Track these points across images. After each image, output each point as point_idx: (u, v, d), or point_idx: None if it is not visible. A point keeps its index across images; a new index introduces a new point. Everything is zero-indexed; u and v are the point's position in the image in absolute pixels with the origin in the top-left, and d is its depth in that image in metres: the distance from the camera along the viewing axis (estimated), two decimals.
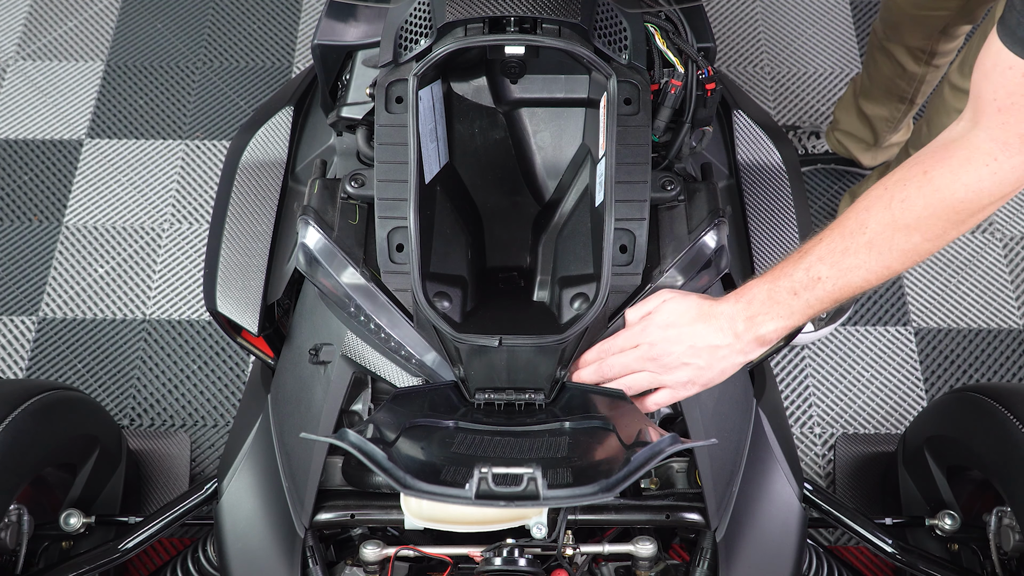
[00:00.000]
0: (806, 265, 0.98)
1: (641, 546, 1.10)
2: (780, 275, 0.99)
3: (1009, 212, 2.16)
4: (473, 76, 1.18)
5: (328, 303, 1.16)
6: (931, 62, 1.78)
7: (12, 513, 1.33)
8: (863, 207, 0.97)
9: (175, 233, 2.14)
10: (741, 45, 2.42)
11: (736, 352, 1.01)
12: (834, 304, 0.99)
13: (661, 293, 1.04)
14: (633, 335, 1.02)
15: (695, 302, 1.01)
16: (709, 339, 0.99)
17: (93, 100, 2.32)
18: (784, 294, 0.98)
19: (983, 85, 0.90)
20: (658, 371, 1.02)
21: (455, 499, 0.86)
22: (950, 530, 1.38)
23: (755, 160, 1.34)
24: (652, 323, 1.01)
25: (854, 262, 0.96)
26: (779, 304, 0.99)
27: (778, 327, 0.99)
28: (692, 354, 1.00)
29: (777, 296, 0.99)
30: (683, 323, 1.00)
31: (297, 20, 2.46)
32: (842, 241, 0.97)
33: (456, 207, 1.15)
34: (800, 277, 0.98)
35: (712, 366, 1.01)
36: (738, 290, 1.02)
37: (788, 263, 1.00)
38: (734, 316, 1.00)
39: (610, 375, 1.03)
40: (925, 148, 0.97)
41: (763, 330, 0.99)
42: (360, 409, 1.16)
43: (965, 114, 0.95)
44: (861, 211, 0.97)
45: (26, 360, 1.98)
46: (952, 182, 0.92)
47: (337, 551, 1.20)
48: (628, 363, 1.02)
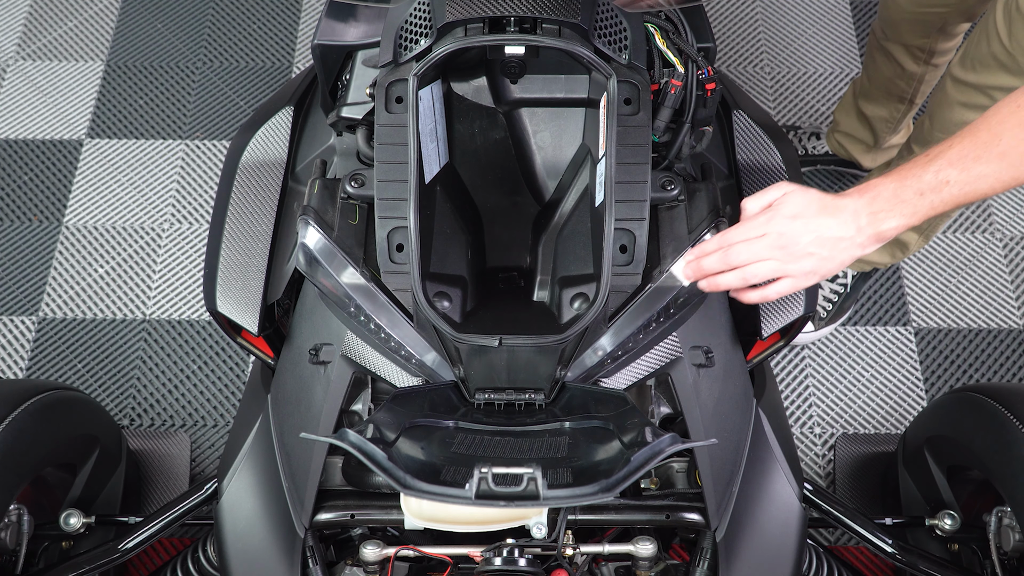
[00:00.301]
0: (936, 168, 0.99)
1: (641, 546, 1.10)
2: (908, 175, 1.01)
3: (1009, 212, 2.16)
4: (473, 76, 1.18)
5: (328, 303, 1.16)
6: (930, 61, 1.78)
7: (12, 513, 1.33)
8: (996, 121, 0.99)
9: (175, 233, 2.14)
10: (741, 45, 2.42)
11: (856, 245, 1.02)
12: (953, 208, 1.01)
13: (780, 185, 1.04)
14: (759, 224, 1.02)
15: (817, 195, 1.02)
16: (834, 231, 1.01)
17: (93, 100, 2.32)
18: (910, 194, 1.00)
19: None
20: (784, 260, 1.02)
21: (455, 499, 0.86)
22: (950, 530, 1.38)
23: (755, 160, 1.34)
24: (779, 213, 1.01)
25: (985, 170, 0.98)
26: (904, 203, 1.00)
27: (899, 224, 1.01)
28: (817, 244, 1.01)
29: (903, 195, 1.00)
30: (809, 214, 1.01)
31: (297, 20, 2.46)
32: (975, 149, 0.98)
33: (456, 207, 1.15)
34: (929, 179, 0.99)
35: (833, 257, 1.02)
36: (861, 186, 1.03)
37: (915, 165, 1.01)
38: (858, 210, 1.01)
39: (736, 262, 1.03)
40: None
41: (884, 226, 1.01)
42: (360, 409, 1.16)
43: None
44: (994, 124, 0.99)
45: (26, 360, 1.98)
46: None
47: (337, 551, 1.20)
48: (757, 251, 1.02)
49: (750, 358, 1.28)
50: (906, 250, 1.81)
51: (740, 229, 1.03)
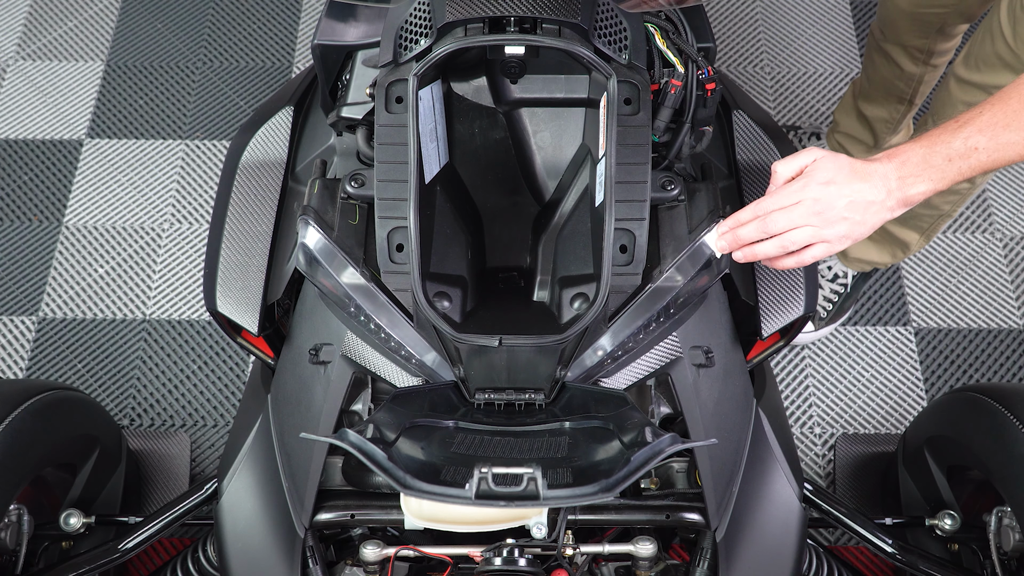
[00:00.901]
0: (965, 135, 1.00)
1: (641, 546, 1.10)
2: (936, 141, 1.02)
3: (1009, 212, 2.16)
4: (473, 76, 1.18)
5: (328, 303, 1.16)
6: (929, 62, 1.78)
7: (12, 513, 1.33)
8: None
9: (175, 233, 2.14)
10: (741, 45, 2.42)
11: (886, 209, 1.03)
12: (980, 173, 1.02)
13: (811, 151, 1.05)
14: (794, 191, 1.03)
15: (847, 160, 1.03)
16: (866, 195, 1.01)
17: (93, 100, 2.32)
18: (939, 159, 1.01)
19: None
20: (821, 225, 1.02)
21: (455, 499, 0.86)
22: (950, 530, 1.38)
23: (755, 160, 1.34)
24: (812, 180, 1.02)
25: (1014, 138, 0.99)
26: (933, 168, 1.01)
27: (926, 190, 1.02)
28: (851, 208, 1.02)
29: (932, 160, 1.01)
30: (841, 179, 1.01)
31: (297, 20, 2.46)
32: (1004, 117, 1.00)
33: (456, 207, 1.15)
34: (958, 146, 1.00)
35: (865, 221, 1.03)
36: (890, 151, 1.04)
37: (944, 131, 1.02)
38: (887, 175, 1.02)
39: (775, 230, 1.03)
40: None
41: (913, 191, 1.02)
42: (360, 409, 1.16)
43: None
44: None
45: (26, 360, 1.98)
46: None
47: (337, 551, 1.20)
48: (794, 218, 1.02)
49: (750, 358, 1.28)
50: (907, 250, 1.81)
51: (775, 197, 1.04)
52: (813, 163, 1.04)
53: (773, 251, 1.04)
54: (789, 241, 1.03)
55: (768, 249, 1.04)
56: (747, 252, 1.06)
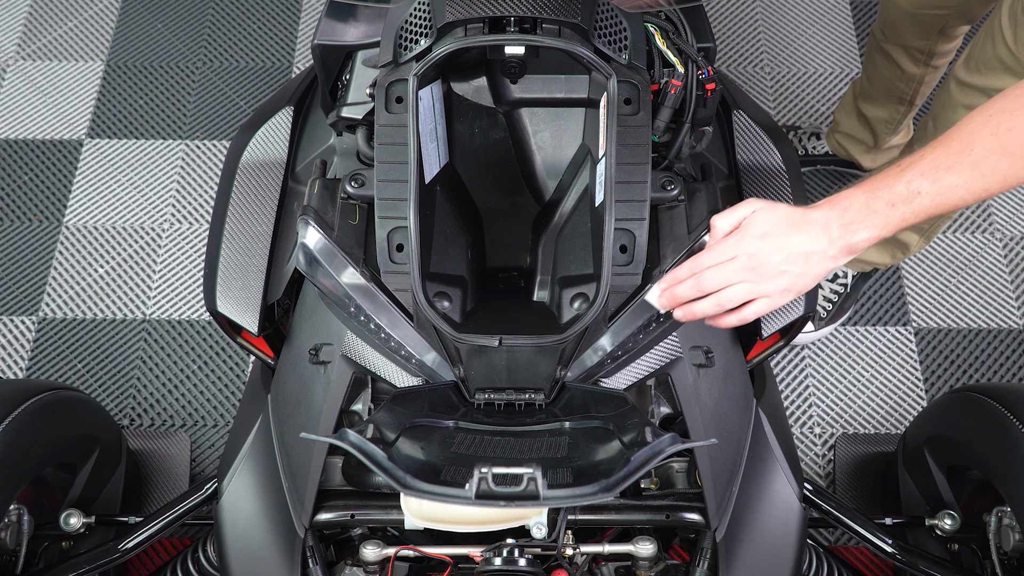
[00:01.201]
0: (907, 179, 0.99)
1: (641, 546, 1.10)
2: (879, 186, 1.00)
3: (1009, 212, 2.16)
4: (473, 76, 1.18)
5: (328, 303, 1.16)
6: (929, 63, 1.78)
7: (12, 513, 1.33)
8: (968, 131, 0.98)
9: (175, 233, 2.14)
10: (741, 45, 2.42)
11: (828, 258, 1.01)
12: (925, 219, 1.00)
13: (749, 202, 1.03)
14: (728, 247, 1.01)
15: (786, 210, 1.02)
16: (805, 246, 1.00)
17: (93, 100, 2.32)
18: (882, 204, 0.99)
19: None
20: (757, 281, 1.01)
21: (455, 499, 0.86)
22: (950, 530, 1.38)
23: (755, 160, 1.34)
24: (748, 233, 1.01)
25: (956, 181, 0.97)
26: (876, 214, 0.99)
27: (870, 236, 1.00)
28: (789, 262, 1.00)
29: (875, 206, 0.99)
30: (778, 232, 1.00)
31: (297, 20, 2.46)
32: (946, 159, 0.98)
33: (456, 207, 1.15)
34: (900, 190, 0.99)
35: (807, 272, 1.01)
36: (832, 197, 1.02)
37: (887, 176, 1.00)
38: (829, 223, 1.00)
39: (710, 288, 1.02)
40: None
41: (856, 238, 1.00)
42: (360, 409, 1.16)
43: None
44: (966, 134, 0.98)
45: (26, 360, 1.98)
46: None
47: (337, 551, 1.20)
48: (728, 275, 1.01)
49: (750, 358, 1.28)
50: (907, 251, 1.81)
51: (710, 253, 1.02)
52: (752, 215, 1.02)
53: (711, 309, 1.02)
54: (725, 299, 1.01)
55: (706, 307, 1.02)
56: (686, 311, 1.04)
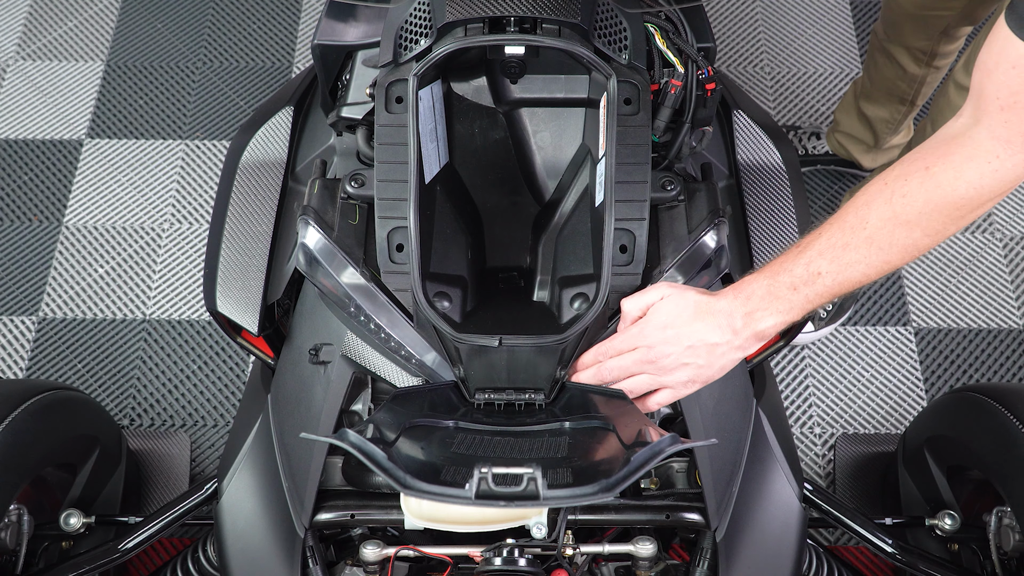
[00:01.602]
0: (806, 260, 0.98)
1: (641, 546, 1.10)
2: (779, 270, 0.99)
3: (1009, 212, 2.16)
4: (473, 76, 1.18)
5: (328, 303, 1.16)
6: (931, 63, 1.78)
7: (12, 513, 1.32)
8: (863, 202, 0.97)
9: (175, 233, 2.14)
10: (741, 45, 2.42)
11: (734, 348, 1.01)
12: (832, 299, 0.99)
13: (659, 287, 1.03)
14: (630, 338, 1.02)
15: (692, 299, 1.00)
16: (707, 337, 0.99)
17: (93, 100, 2.33)
18: (784, 289, 0.98)
19: (986, 83, 0.90)
20: (657, 373, 1.01)
21: (455, 499, 0.86)
22: (950, 530, 1.38)
23: (755, 160, 1.34)
24: (649, 324, 1.00)
25: (854, 257, 0.96)
26: (778, 299, 0.99)
27: (776, 322, 0.99)
28: (691, 354, 1.00)
29: (776, 291, 0.99)
30: (680, 323, 0.99)
31: (297, 20, 2.46)
32: (842, 236, 0.97)
33: (456, 207, 1.15)
34: (800, 272, 0.98)
35: (712, 364, 1.01)
36: (736, 285, 1.02)
37: (787, 258, 0.99)
38: (732, 312, 0.99)
39: (609, 379, 1.03)
40: (925, 143, 0.97)
41: (761, 325, 0.99)
42: (360, 409, 1.16)
43: (965, 109, 0.95)
44: (861, 206, 0.97)
45: (26, 360, 1.98)
46: (954, 179, 0.93)
47: (337, 551, 1.20)
48: (627, 366, 1.02)
49: (750, 358, 1.28)
50: None
51: (613, 342, 1.02)
52: (660, 301, 1.01)
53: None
54: (627, 388, 1.02)
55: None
56: None
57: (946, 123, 0.98)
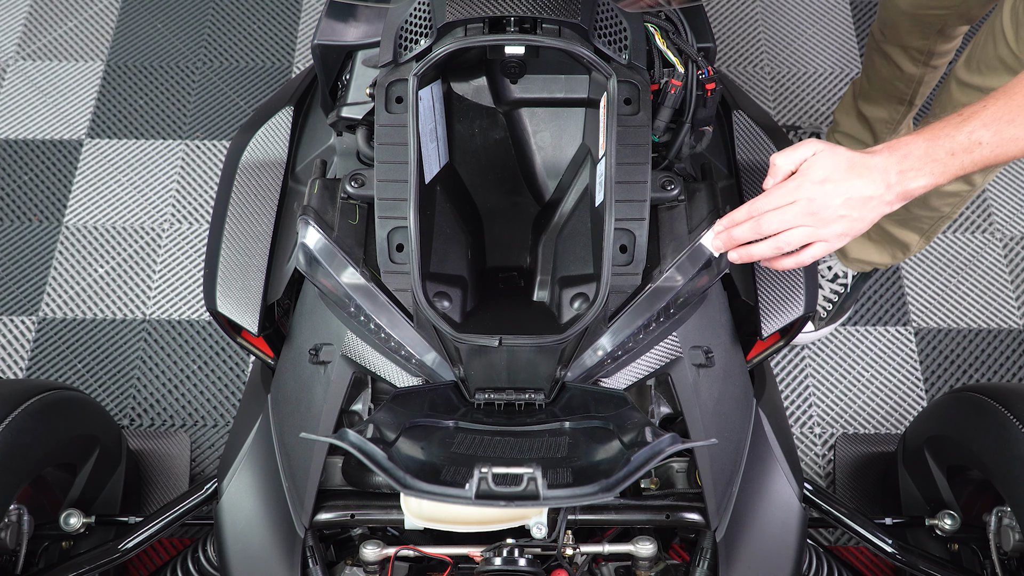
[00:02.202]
0: (969, 129, 0.99)
1: (641, 546, 1.10)
2: (939, 134, 1.00)
3: (1009, 212, 2.16)
4: (473, 76, 1.18)
5: (328, 303, 1.16)
6: (929, 63, 1.78)
7: (12, 513, 1.33)
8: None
9: (175, 233, 2.14)
10: (741, 45, 2.42)
11: (884, 203, 1.02)
12: (983, 167, 1.01)
13: (810, 143, 1.03)
14: (788, 191, 1.01)
15: (846, 154, 1.01)
16: (863, 191, 1.00)
17: (93, 100, 2.32)
18: (942, 153, 0.99)
19: None
20: (816, 225, 1.01)
21: (455, 499, 0.86)
22: (950, 530, 1.38)
23: (755, 160, 1.34)
24: (807, 178, 1.00)
25: (1018, 133, 0.98)
26: (935, 162, 1.00)
27: (927, 183, 1.01)
28: (847, 206, 1.00)
29: (935, 154, 1.00)
30: (838, 177, 1.00)
31: (297, 20, 2.46)
32: (1009, 111, 0.98)
33: (456, 207, 1.15)
34: (962, 139, 0.99)
35: (864, 217, 1.02)
36: (891, 143, 1.02)
37: (948, 124, 1.00)
38: (887, 168, 1.00)
39: (768, 231, 1.02)
40: None
41: (913, 184, 1.01)
42: (360, 409, 1.16)
43: None
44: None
45: (26, 360, 1.98)
46: None
47: (337, 551, 1.20)
48: (788, 219, 1.01)
49: (750, 358, 1.28)
50: (907, 251, 1.81)
51: (769, 197, 1.02)
52: (812, 156, 1.02)
53: (769, 252, 1.03)
54: (784, 242, 1.02)
55: (764, 250, 1.03)
56: (742, 253, 1.05)
57: None
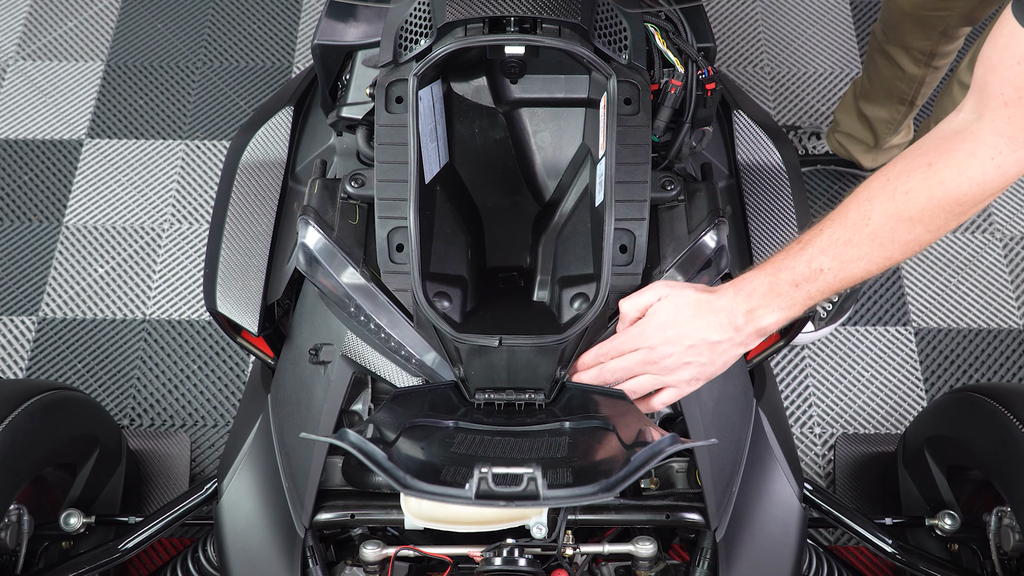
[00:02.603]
0: (807, 257, 0.97)
1: (641, 546, 1.10)
2: (781, 267, 0.99)
3: (1009, 212, 2.16)
4: (473, 76, 1.18)
5: (328, 303, 1.16)
6: (930, 64, 1.78)
7: (12, 513, 1.32)
8: (865, 198, 0.96)
9: (175, 233, 2.14)
10: (741, 45, 2.42)
11: (736, 345, 1.00)
12: (833, 294, 0.99)
13: (656, 287, 1.02)
14: (631, 338, 1.01)
15: (692, 298, 1.00)
16: (709, 335, 0.99)
17: (93, 100, 2.33)
18: (785, 286, 0.98)
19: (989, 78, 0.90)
20: (660, 373, 1.01)
21: (455, 499, 0.86)
22: (950, 530, 1.38)
23: (755, 160, 1.34)
24: (650, 324, 1.00)
25: (857, 253, 0.96)
26: (780, 296, 0.98)
27: (778, 319, 0.99)
28: (693, 352, 0.99)
29: (778, 288, 0.98)
30: (681, 322, 0.99)
31: (297, 20, 2.46)
32: (844, 232, 0.96)
33: (456, 207, 1.15)
34: (802, 269, 0.97)
35: (714, 361, 1.01)
36: (736, 281, 1.01)
37: (788, 255, 0.99)
38: (733, 310, 0.99)
39: (611, 380, 1.03)
40: (926, 138, 0.97)
41: (763, 322, 0.99)
42: (360, 409, 1.16)
43: (967, 103, 0.95)
44: (863, 202, 0.96)
45: (26, 360, 1.98)
46: (957, 175, 0.92)
47: (337, 551, 1.20)
48: (629, 367, 1.02)
49: (750, 358, 1.28)
50: None
51: (614, 343, 1.02)
52: (658, 302, 1.00)
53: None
54: (629, 389, 1.02)
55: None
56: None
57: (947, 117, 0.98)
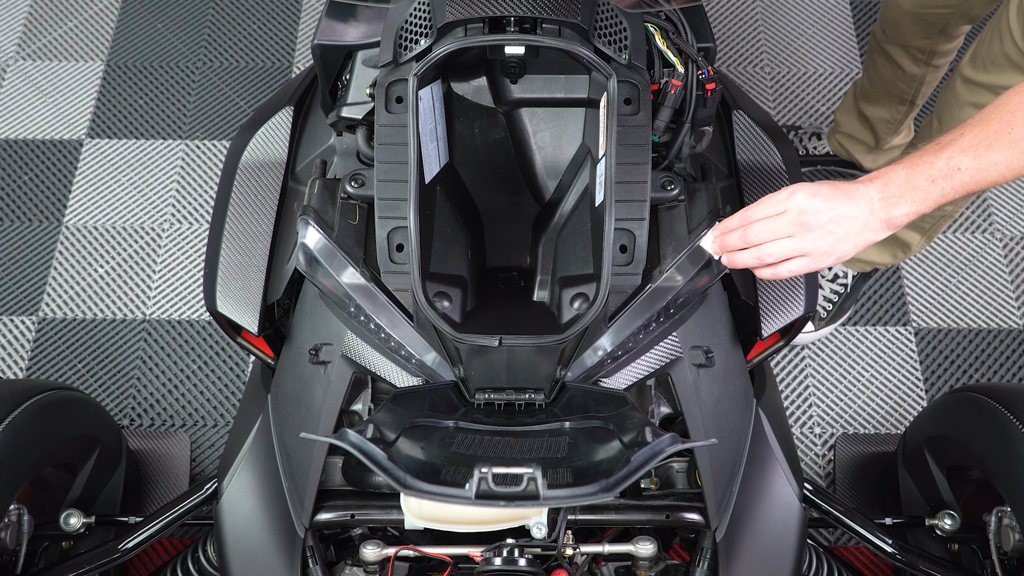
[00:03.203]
0: (948, 155, 1.00)
1: (641, 546, 1.10)
2: (919, 162, 1.01)
3: (1009, 212, 2.16)
4: (473, 76, 1.18)
5: (328, 303, 1.16)
6: (930, 63, 1.78)
7: (12, 513, 1.32)
8: (1008, 108, 1.00)
9: (175, 233, 2.14)
10: (741, 45, 2.42)
11: (869, 228, 1.02)
12: (964, 195, 1.02)
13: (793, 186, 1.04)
14: (778, 201, 1.02)
15: (830, 183, 1.02)
16: (849, 211, 1.01)
17: (93, 100, 2.32)
18: (922, 180, 1.00)
19: None
20: (803, 237, 1.02)
21: (455, 499, 0.86)
22: (950, 530, 1.38)
23: (755, 160, 1.34)
24: (799, 189, 1.02)
25: (996, 158, 0.99)
26: (915, 189, 1.01)
27: (909, 211, 1.01)
28: (836, 222, 1.01)
29: (915, 182, 1.00)
30: (827, 193, 1.01)
31: (297, 20, 2.46)
32: (986, 136, 0.99)
33: (456, 207, 1.15)
34: (940, 166, 1.00)
35: (849, 237, 1.02)
36: (874, 173, 1.03)
37: (927, 152, 1.01)
38: (870, 195, 1.01)
39: (755, 240, 1.03)
40: None
41: (895, 212, 1.01)
42: (360, 409, 1.16)
43: None
44: (1006, 112, 0.99)
45: (26, 360, 1.98)
46: None
47: (337, 551, 1.20)
48: (776, 229, 1.02)
49: (750, 358, 1.28)
50: (908, 251, 1.81)
51: (762, 205, 1.03)
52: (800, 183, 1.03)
53: (751, 261, 1.03)
54: (766, 253, 1.02)
55: (746, 259, 1.03)
56: (729, 259, 1.06)
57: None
